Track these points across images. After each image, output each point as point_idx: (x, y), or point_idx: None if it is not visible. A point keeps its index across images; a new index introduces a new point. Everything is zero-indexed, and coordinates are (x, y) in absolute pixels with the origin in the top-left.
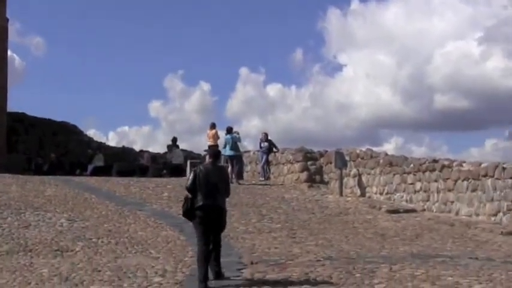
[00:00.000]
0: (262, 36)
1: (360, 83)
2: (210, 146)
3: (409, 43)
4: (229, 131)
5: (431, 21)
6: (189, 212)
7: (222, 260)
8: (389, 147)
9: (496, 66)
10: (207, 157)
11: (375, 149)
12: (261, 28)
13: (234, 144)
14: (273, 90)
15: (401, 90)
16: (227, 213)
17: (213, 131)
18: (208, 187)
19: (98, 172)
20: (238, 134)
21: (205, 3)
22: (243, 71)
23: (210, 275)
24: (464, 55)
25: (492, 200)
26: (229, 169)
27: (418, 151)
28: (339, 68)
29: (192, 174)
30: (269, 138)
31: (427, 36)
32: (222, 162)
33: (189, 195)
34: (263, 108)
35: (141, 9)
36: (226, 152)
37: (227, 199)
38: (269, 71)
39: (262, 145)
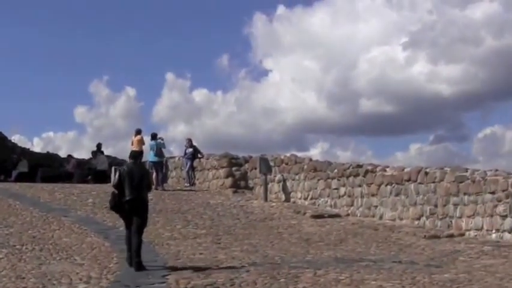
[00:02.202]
0: (188, 41)
1: (285, 88)
2: (131, 152)
3: (335, 48)
4: (153, 137)
5: (357, 27)
6: (116, 206)
7: (147, 266)
8: (316, 152)
9: (421, 71)
10: (129, 159)
11: (301, 154)
12: (187, 33)
13: (159, 150)
14: (199, 95)
15: (327, 95)
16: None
17: (138, 137)
18: (132, 183)
19: (22, 178)
20: (162, 139)
21: (132, 8)
22: (169, 76)
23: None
24: (389, 60)
25: (415, 204)
26: (154, 175)
27: (344, 156)
28: (265, 73)
29: (117, 174)
30: (193, 143)
31: (352, 42)
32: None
33: (116, 192)
34: (189, 114)
35: (66, 14)
36: (150, 158)
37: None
38: (195, 76)
39: (186, 151)
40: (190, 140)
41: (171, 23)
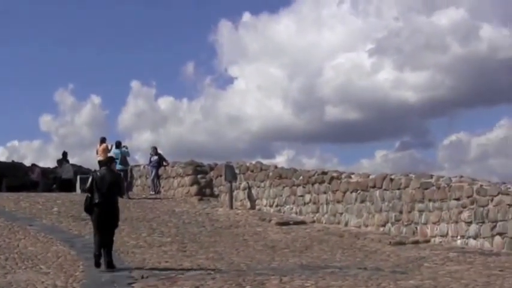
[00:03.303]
0: (153, 49)
1: (251, 95)
2: (99, 162)
3: (300, 55)
4: (118, 145)
5: (322, 34)
6: (88, 208)
7: (113, 273)
8: (281, 159)
9: (386, 78)
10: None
11: (266, 161)
12: (152, 41)
13: (123, 158)
14: (165, 103)
15: (293, 103)
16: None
17: (103, 145)
18: (103, 188)
19: None
20: (126, 148)
21: (96, 16)
22: (134, 84)
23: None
24: (355, 67)
25: (380, 210)
26: None
27: (310, 163)
28: (230, 80)
29: (90, 178)
30: (159, 151)
31: (318, 49)
32: None
33: (89, 195)
34: (154, 122)
35: (31, 23)
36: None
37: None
38: (160, 84)
39: (151, 159)
40: (155, 148)
41: (136, 31)
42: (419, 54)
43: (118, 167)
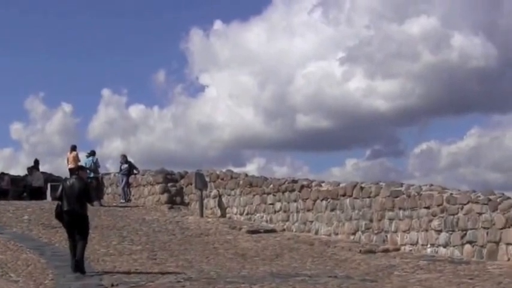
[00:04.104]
0: (124, 56)
1: (222, 103)
2: (70, 170)
3: (271, 63)
4: (91, 154)
5: (293, 42)
6: (59, 215)
7: (83, 282)
8: (252, 167)
9: (357, 87)
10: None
11: (237, 169)
12: (123, 48)
13: (94, 166)
14: (136, 111)
15: (264, 111)
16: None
17: (73, 153)
18: (71, 196)
19: None
20: (96, 157)
21: (67, 23)
22: (105, 92)
23: None
24: (326, 75)
25: (350, 219)
26: None
27: (280, 171)
28: (202, 88)
29: (60, 186)
30: (129, 159)
31: (289, 57)
32: None
33: (59, 203)
34: (125, 130)
35: (1, 31)
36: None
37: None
38: (131, 92)
39: (122, 167)
40: (125, 156)
41: (106, 38)
42: (390, 63)
43: (89, 174)
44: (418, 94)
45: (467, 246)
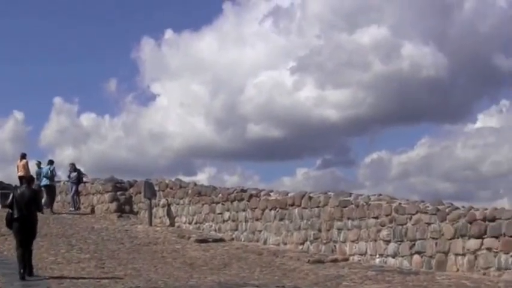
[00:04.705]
0: (76, 65)
1: (173, 112)
2: (20, 177)
3: (222, 73)
4: (49, 162)
5: (244, 52)
6: (9, 223)
7: None
8: (203, 176)
9: (308, 96)
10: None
11: (188, 178)
12: (75, 57)
13: (51, 174)
14: (87, 119)
15: (215, 120)
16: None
17: (23, 161)
18: (22, 204)
19: None
20: (53, 166)
21: (19, 31)
22: (57, 100)
23: None
24: (276, 85)
25: (299, 228)
26: (44, 199)
27: (231, 180)
28: (153, 97)
29: (11, 194)
30: (78, 168)
31: (240, 66)
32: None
33: (10, 211)
34: (77, 138)
35: None
36: (43, 182)
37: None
38: (83, 101)
39: (71, 175)
40: (73, 165)
41: (58, 47)
42: (341, 72)
43: (45, 182)
44: (369, 103)
45: (416, 257)
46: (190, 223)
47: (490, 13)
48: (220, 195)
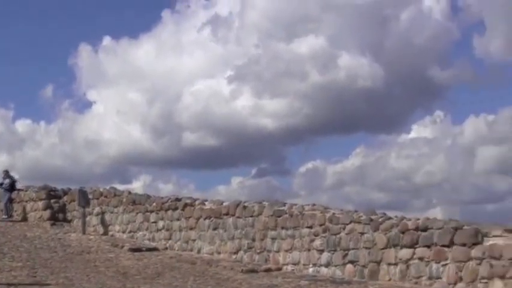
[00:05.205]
0: (11, 70)
1: (109, 119)
2: None
3: (160, 81)
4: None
5: (182, 60)
6: None
7: None
8: (138, 184)
9: (245, 105)
10: None
11: (123, 186)
12: (10, 62)
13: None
14: (22, 126)
15: (151, 128)
16: None
17: None
18: None
19: None
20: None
21: None
22: None
23: None
24: (214, 93)
25: (233, 238)
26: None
27: (166, 189)
28: (89, 104)
29: None
30: (11, 174)
31: (177, 75)
32: None
33: None
34: (11, 144)
35: None
36: None
37: None
38: (18, 107)
39: (4, 183)
40: (7, 172)
41: None
42: (278, 82)
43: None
44: (305, 113)
45: (349, 266)
46: (124, 232)
47: (426, 25)
48: (154, 204)
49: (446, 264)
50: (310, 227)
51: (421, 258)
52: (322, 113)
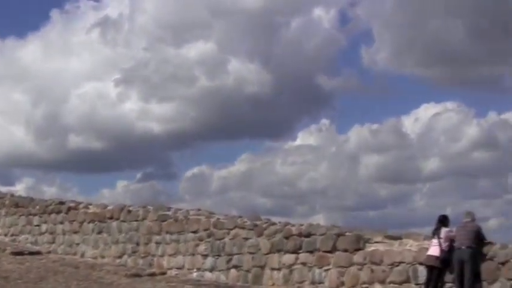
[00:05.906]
0: None
1: None
2: None
3: (46, 82)
4: None
5: (69, 61)
6: None
7: None
8: (21, 187)
9: (132, 108)
10: None
11: (5, 188)
12: None
13: None
14: None
15: (35, 130)
16: None
17: None
18: None
19: None
20: None
21: None
22: None
23: None
24: (100, 96)
25: (117, 242)
26: None
27: (50, 192)
28: None
29: None
30: None
31: (64, 76)
32: None
33: None
34: None
35: None
36: None
37: None
38: None
39: None
40: None
41: None
42: (166, 86)
43: None
44: (192, 118)
45: (233, 271)
46: (6, 235)
47: (316, 34)
48: (37, 207)
49: (328, 270)
50: (195, 232)
51: (304, 264)
52: (209, 118)
